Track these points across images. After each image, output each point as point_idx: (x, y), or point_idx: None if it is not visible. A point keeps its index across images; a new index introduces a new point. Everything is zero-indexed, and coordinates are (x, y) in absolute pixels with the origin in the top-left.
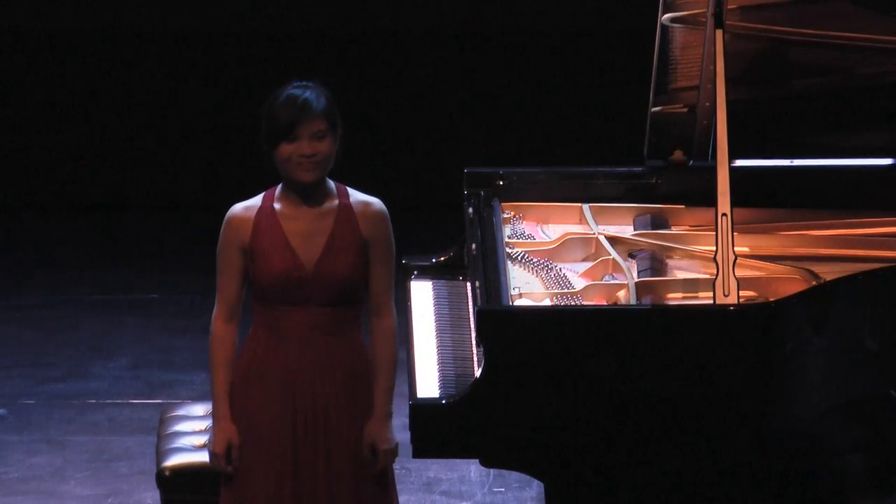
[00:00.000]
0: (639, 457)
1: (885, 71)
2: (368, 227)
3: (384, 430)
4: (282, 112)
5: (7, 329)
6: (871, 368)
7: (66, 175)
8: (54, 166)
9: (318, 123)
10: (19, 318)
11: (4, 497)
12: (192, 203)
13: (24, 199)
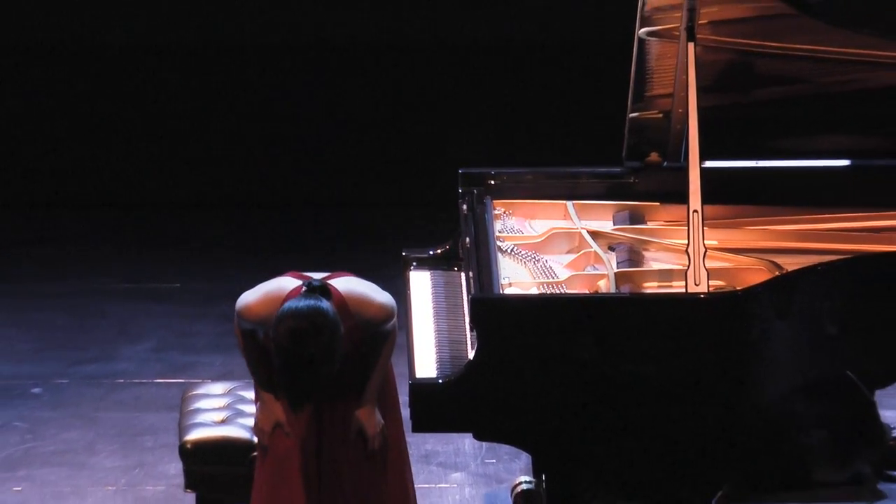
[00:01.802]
0: (617, 432)
1: (842, 80)
2: (370, 325)
3: (371, 417)
4: (287, 364)
5: (42, 315)
6: (831, 352)
7: (96, 175)
8: (87, 167)
9: (327, 369)
10: (53, 305)
11: (40, 468)
12: (208, 201)
13: (58, 197)
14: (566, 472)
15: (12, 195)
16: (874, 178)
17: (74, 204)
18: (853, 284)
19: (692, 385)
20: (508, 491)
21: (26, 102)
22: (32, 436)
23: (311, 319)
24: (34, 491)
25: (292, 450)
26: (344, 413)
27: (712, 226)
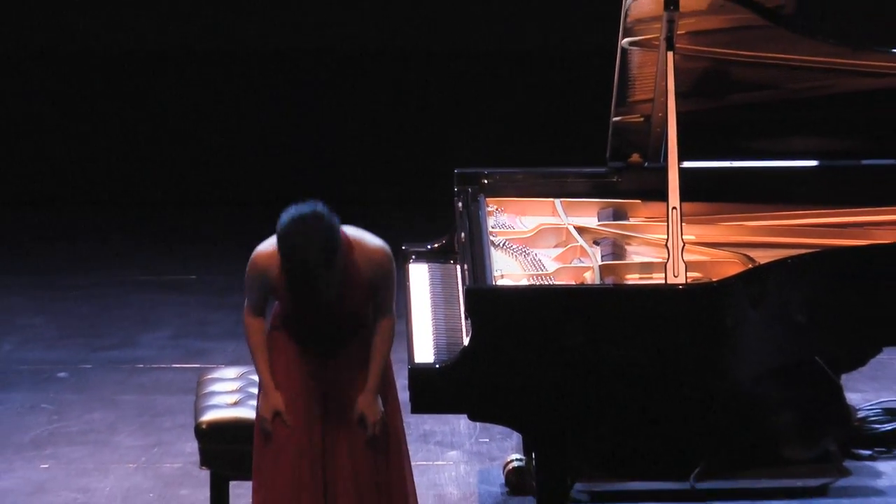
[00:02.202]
0: (601, 413)
1: (810, 86)
2: (372, 271)
3: (373, 403)
4: (288, 259)
5: (67, 305)
6: (799, 338)
7: (119, 175)
8: (110, 168)
9: (324, 276)
10: (78, 295)
11: (66, 446)
12: (223, 199)
13: (83, 195)
14: (554, 450)
15: (41, 195)
16: (840, 178)
17: (98, 202)
18: (821, 276)
19: (671, 369)
20: (501, 468)
21: (54, 108)
22: (58, 417)
23: (312, 208)
24: (60, 468)
25: (293, 434)
26: (346, 396)
27: (690, 222)
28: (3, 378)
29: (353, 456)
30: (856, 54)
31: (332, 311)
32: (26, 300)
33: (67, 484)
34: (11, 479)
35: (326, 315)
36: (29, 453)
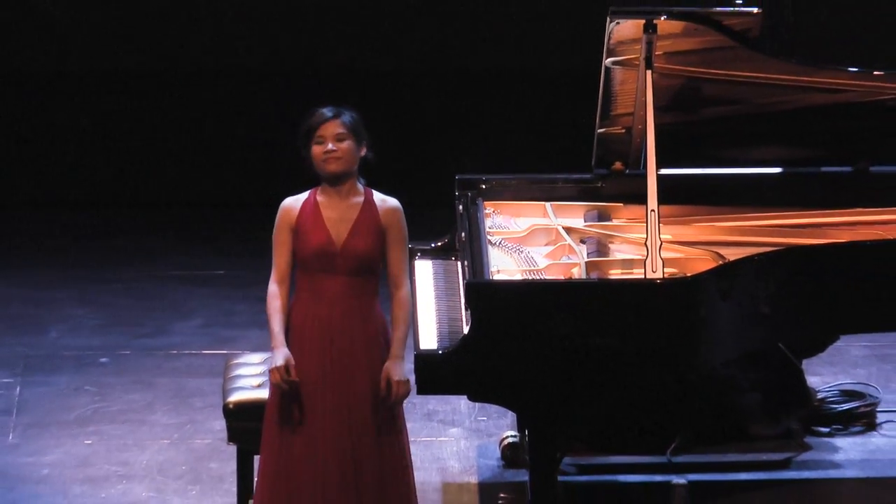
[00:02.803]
0: (587, 394)
1: (775, 101)
2: (386, 217)
3: (398, 367)
4: (311, 120)
5: (108, 297)
6: (765, 328)
7: (155, 179)
8: (147, 172)
9: (337, 127)
10: (118, 289)
11: (107, 425)
12: (246, 202)
13: (123, 199)
14: (545, 427)
15: (85, 197)
16: (800, 183)
17: (136, 205)
18: (783, 272)
19: (650, 355)
20: (497, 444)
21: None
22: (100, 398)
23: (332, 106)
24: (102, 444)
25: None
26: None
27: (666, 222)
28: (50, 363)
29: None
30: (814, 73)
31: (348, 247)
32: (71, 293)
33: (108, 458)
34: (58, 453)
35: (342, 253)
36: (74, 430)
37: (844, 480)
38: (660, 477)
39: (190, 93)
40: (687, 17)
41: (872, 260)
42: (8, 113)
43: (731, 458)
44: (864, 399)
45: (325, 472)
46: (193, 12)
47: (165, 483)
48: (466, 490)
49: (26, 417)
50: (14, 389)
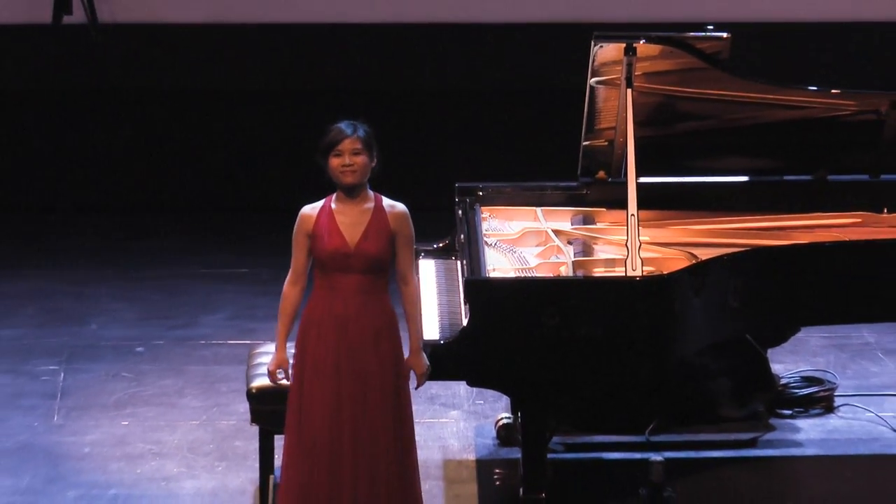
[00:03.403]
0: (574, 380)
1: (742, 116)
2: (394, 221)
3: (419, 359)
4: (331, 136)
5: (143, 293)
6: (733, 320)
7: (186, 186)
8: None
9: (354, 143)
10: (152, 285)
11: (142, 407)
12: (267, 206)
13: (157, 203)
14: (536, 410)
15: (123, 203)
16: (766, 190)
17: (169, 209)
18: (750, 270)
19: (630, 345)
20: (493, 424)
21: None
22: (136, 383)
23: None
24: (137, 425)
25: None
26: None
27: (645, 225)
28: (91, 352)
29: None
30: (778, 91)
31: (361, 250)
32: (110, 289)
33: (143, 437)
34: (98, 433)
35: (355, 255)
36: (112, 413)
37: (805, 458)
38: (639, 454)
39: (218, 110)
40: (663, 41)
41: (830, 259)
42: (56, 128)
43: (703, 437)
44: (822, 385)
45: (340, 448)
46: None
47: (194, 460)
48: (465, 466)
49: (69, 401)
50: (59, 376)
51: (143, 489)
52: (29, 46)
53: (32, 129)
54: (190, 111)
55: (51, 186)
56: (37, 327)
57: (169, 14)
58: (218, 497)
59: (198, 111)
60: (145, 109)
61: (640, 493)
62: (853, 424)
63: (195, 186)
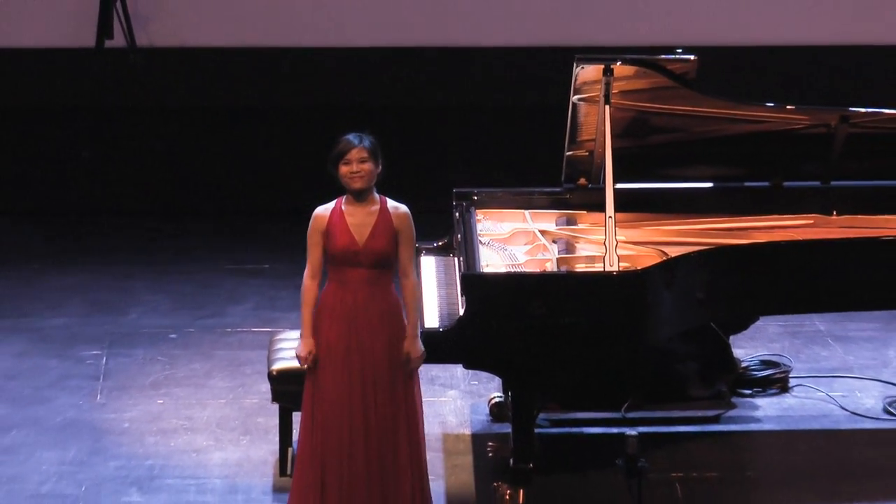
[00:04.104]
0: (557, 363)
1: (708, 130)
2: (397, 221)
3: (415, 344)
4: (341, 146)
5: (176, 286)
6: (699, 310)
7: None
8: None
9: (361, 153)
10: (184, 279)
11: (175, 388)
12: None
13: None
14: (524, 389)
15: (157, 206)
16: (729, 195)
17: (200, 212)
18: (715, 265)
19: (608, 332)
20: (486, 402)
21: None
22: (170, 366)
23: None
24: (171, 403)
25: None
26: (371, 341)
27: (621, 226)
28: (130, 339)
29: (372, 388)
30: (739, 107)
31: (368, 247)
32: (147, 283)
33: (176, 414)
34: (136, 410)
35: (363, 252)
36: (149, 392)
37: (763, 433)
38: (616, 429)
39: (241, 125)
40: (637, 62)
41: (785, 256)
42: (98, 140)
43: (672, 414)
44: (778, 367)
45: (350, 422)
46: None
47: (222, 434)
48: (462, 440)
49: (111, 382)
50: (101, 360)
51: (176, 460)
52: (75, 67)
53: (77, 142)
54: (217, 125)
55: (94, 192)
56: (82, 317)
57: (198, 39)
58: (242, 467)
59: (224, 125)
60: (177, 124)
61: (617, 464)
62: (806, 403)
63: (221, 192)
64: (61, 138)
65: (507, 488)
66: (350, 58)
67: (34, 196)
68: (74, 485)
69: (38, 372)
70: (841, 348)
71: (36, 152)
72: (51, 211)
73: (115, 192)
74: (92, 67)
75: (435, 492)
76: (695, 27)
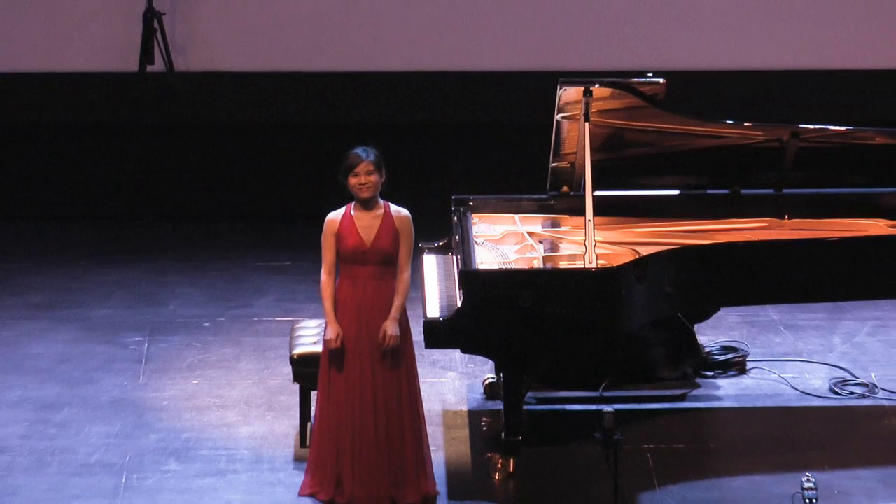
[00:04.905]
0: (542, 348)
1: (675, 144)
2: (399, 223)
3: (392, 325)
4: (349, 160)
5: (209, 280)
6: (667, 302)
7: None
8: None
9: (368, 166)
10: (216, 274)
11: (208, 370)
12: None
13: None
14: (514, 371)
15: (193, 211)
16: (693, 201)
17: (230, 216)
18: (681, 263)
19: (588, 321)
20: (481, 383)
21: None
22: (203, 351)
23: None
24: (204, 384)
25: (342, 356)
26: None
27: (599, 228)
28: (169, 327)
29: (379, 369)
30: (702, 124)
31: (374, 246)
32: (183, 277)
33: (209, 393)
34: (174, 390)
35: (370, 251)
36: (185, 374)
37: (723, 409)
38: (594, 406)
39: (268, 140)
40: (613, 85)
41: (743, 255)
42: (140, 153)
43: (644, 393)
44: (737, 352)
45: (361, 400)
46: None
47: (249, 410)
48: (460, 416)
49: (152, 365)
50: (143, 346)
51: (208, 433)
52: (120, 89)
53: (122, 155)
54: (244, 140)
55: (136, 199)
56: (126, 308)
57: (228, 64)
58: (267, 440)
59: (250, 140)
60: (209, 139)
61: (596, 436)
62: (761, 383)
63: (248, 199)
64: (108, 152)
65: (499, 458)
66: (361, 81)
67: (84, 202)
68: (119, 455)
69: (87, 356)
70: (792, 335)
71: (85, 164)
72: (98, 215)
73: (154, 199)
74: (135, 90)
75: (436, 461)
76: (664, 54)
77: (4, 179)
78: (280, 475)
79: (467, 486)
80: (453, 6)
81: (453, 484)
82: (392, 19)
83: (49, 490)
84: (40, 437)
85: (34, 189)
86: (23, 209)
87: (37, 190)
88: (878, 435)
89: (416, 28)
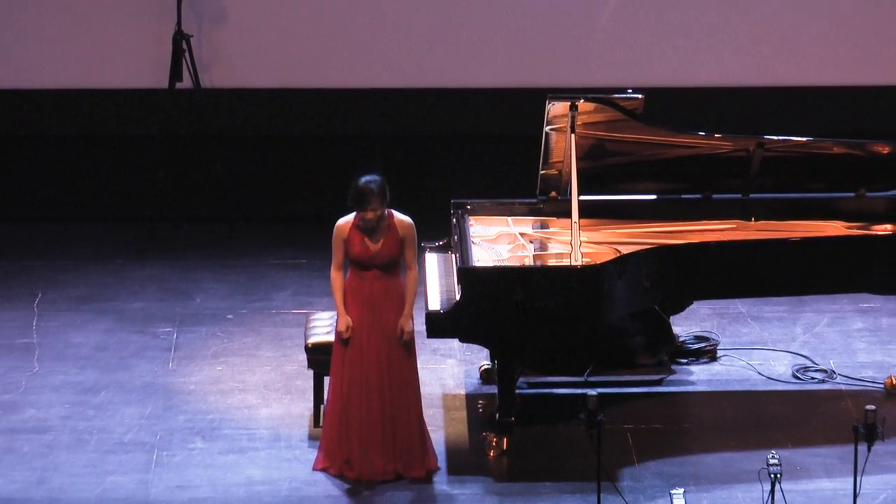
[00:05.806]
0: (533, 337)
1: (652, 153)
2: (402, 230)
3: (407, 322)
4: (357, 199)
5: (232, 276)
6: (645, 296)
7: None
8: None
9: (374, 204)
10: (237, 270)
11: (230, 357)
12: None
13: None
14: (507, 358)
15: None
16: (669, 205)
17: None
18: (658, 260)
19: (573, 313)
20: (477, 369)
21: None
22: (227, 340)
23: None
24: (228, 370)
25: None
26: (383, 321)
27: (584, 230)
28: (195, 318)
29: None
30: (677, 135)
31: (379, 253)
32: (209, 273)
33: (232, 378)
34: (200, 375)
35: (375, 256)
36: (210, 361)
37: (696, 393)
38: (579, 390)
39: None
40: (596, 100)
41: (713, 253)
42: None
43: (624, 378)
44: (709, 341)
45: (367, 386)
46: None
47: (268, 394)
48: (458, 398)
49: (180, 353)
50: (172, 335)
51: (231, 415)
52: (152, 104)
53: (153, 165)
54: (265, 150)
55: (167, 203)
56: (157, 301)
57: (250, 81)
58: (284, 421)
59: (270, 150)
60: (233, 150)
61: (580, 418)
62: (730, 370)
63: (267, 203)
64: (141, 161)
65: (494, 436)
66: (370, 97)
67: (120, 206)
68: (151, 434)
69: (122, 345)
70: (758, 326)
71: (121, 171)
72: (133, 217)
73: (183, 204)
74: (165, 104)
75: (436, 440)
76: (643, 72)
77: (50, 186)
78: (296, 452)
79: (465, 462)
80: (454, 33)
81: (453, 460)
82: (400, 43)
83: (87, 466)
84: (80, 417)
85: (76, 194)
86: (66, 212)
87: (78, 195)
88: (835, 416)
89: (422, 50)
